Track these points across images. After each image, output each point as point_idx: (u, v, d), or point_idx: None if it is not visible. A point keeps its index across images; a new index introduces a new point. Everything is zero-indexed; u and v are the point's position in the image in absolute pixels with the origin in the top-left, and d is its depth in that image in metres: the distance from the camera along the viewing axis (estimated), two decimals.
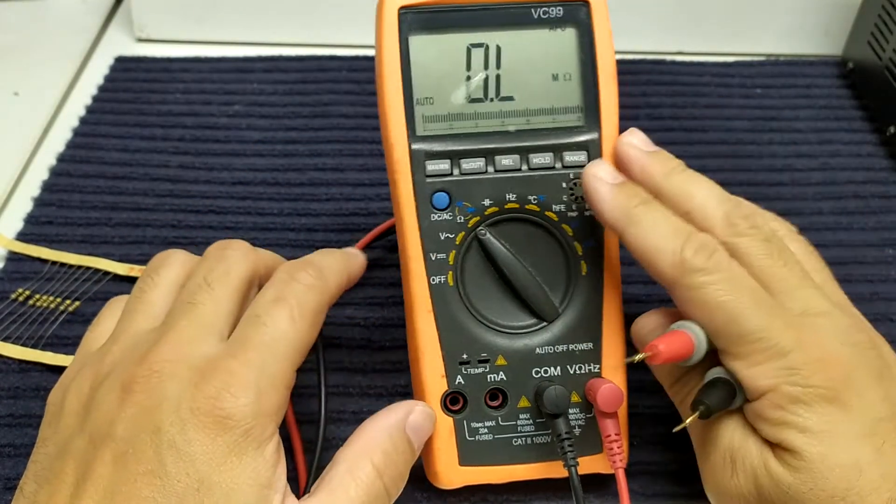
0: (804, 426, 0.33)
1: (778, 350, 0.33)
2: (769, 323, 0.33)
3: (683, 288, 0.34)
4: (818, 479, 0.32)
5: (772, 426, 0.33)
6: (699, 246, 0.35)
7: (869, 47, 0.64)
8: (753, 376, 0.33)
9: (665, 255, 0.35)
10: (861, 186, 0.58)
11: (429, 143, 0.38)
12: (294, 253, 0.52)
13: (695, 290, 0.34)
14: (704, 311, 0.34)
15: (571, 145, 0.39)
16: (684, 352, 0.34)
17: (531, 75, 0.38)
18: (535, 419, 0.39)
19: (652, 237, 0.35)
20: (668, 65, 0.68)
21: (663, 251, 0.35)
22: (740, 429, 0.35)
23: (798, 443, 0.33)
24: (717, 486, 0.36)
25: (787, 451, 0.33)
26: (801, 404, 0.33)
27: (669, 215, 0.36)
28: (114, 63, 0.67)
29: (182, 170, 0.57)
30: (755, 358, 0.33)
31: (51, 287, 0.49)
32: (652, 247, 0.35)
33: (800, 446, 0.33)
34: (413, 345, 0.39)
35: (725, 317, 0.34)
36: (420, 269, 0.38)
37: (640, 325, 0.38)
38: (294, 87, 0.65)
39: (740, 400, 0.35)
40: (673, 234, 0.35)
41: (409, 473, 0.41)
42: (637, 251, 0.36)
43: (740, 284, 0.34)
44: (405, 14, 0.38)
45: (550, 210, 0.39)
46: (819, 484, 0.32)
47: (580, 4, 0.38)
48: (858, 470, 0.32)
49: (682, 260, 0.34)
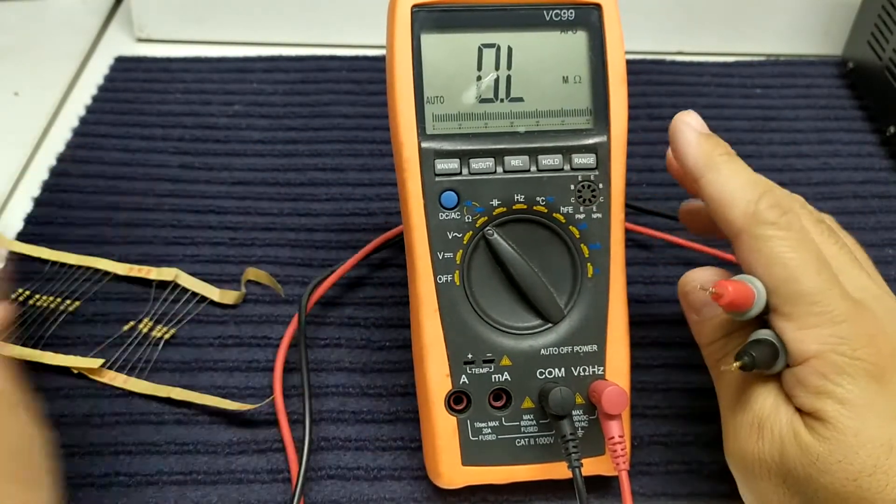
0: (843, 397, 0.32)
1: (831, 317, 0.33)
2: (828, 288, 0.33)
3: (751, 238, 0.34)
4: (848, 452, 0.32)
5: (810, 394, 0.33)
6: (775, 202, 0.35)
7: (869, 47, 0.64)
8: (802, 339, 0.33)
9: (740, 202, 0.35)
10: (861, 186, 0.59)
11: (438, 141, 0.38)
12: (294, 253, 0.52)
13: (762, 241, 0.34)
14: (767, 265, 0.34)
15: (580, 148, 0.39)
16: (746, 300, 0.34)
17: (541, 77, 0.39)
18: (538, 420, 0.39)
19: (730, 184, 0.35)
20: (668, 65, 0.69)
21: (739, 199, 0.35)
22: (773, 395, 0.35)
23: (833, 413, 0.32)
24: (741, 449, 0.35)
25: (819, 420, 0.33)
26: (844, 375, 0.33)
27: (750, 170, 0.36)
28: (114, 63, 0.67)
29: (182, 170, 0.57)
30: (807, 321, 0.33)
31: (51, 287, 0.49)
32: (729, 193, 0.35)
33: (835, 417, 0.32)
34: (418, 343, 0.39)
35: (786, 274, 0.34)
36: (427, 267, 0.38)
37: (690, 279, 0.38)
38: (294, 87, 0.65)
39: (781, 364, 0.34)
40: (752, 185, 0.35)
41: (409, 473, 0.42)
42: (712, 197, 0.36)
43: (807, 247, 0.34)
44: (418, 12, 0.38)
45: (558, 212, 0.39)
46: (848, 457, 0.32)
47: (592, 7, 0.38)
48: (889, 448, 0.32)
49: (756, 211, 0.34)
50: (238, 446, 0.43)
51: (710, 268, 0.38)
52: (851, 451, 0.32)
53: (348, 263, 0.48)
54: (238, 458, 0.42)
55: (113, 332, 0.47)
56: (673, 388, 0.46)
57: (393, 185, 0.54)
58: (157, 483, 0.41)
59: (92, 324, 0.48)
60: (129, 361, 0.46)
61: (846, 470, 0.32)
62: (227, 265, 0.51)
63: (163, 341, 0.47)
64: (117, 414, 0.44)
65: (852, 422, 0.32)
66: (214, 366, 0.46)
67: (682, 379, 0.46)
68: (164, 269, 0.50)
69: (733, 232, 0.35)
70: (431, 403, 0.39)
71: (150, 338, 0.47)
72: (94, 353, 0.46)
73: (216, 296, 0.49)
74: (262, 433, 0.43)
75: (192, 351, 0.47)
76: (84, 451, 0.42)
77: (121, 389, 0.45)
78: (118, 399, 0.44)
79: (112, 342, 0.47)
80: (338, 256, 0.52)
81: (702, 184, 0.36)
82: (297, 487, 0.39)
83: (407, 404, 0.45)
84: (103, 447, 0.42)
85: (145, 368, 0.46)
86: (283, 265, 0.51)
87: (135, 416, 0.44)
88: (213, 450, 0.42)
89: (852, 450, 0.32)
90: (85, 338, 0.47)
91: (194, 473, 0.41)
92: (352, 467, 0.42)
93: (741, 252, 0.35)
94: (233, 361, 0.46)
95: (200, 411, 0.44)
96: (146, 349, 0.46)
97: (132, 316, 0.48)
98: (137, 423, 0.43)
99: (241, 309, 0.49)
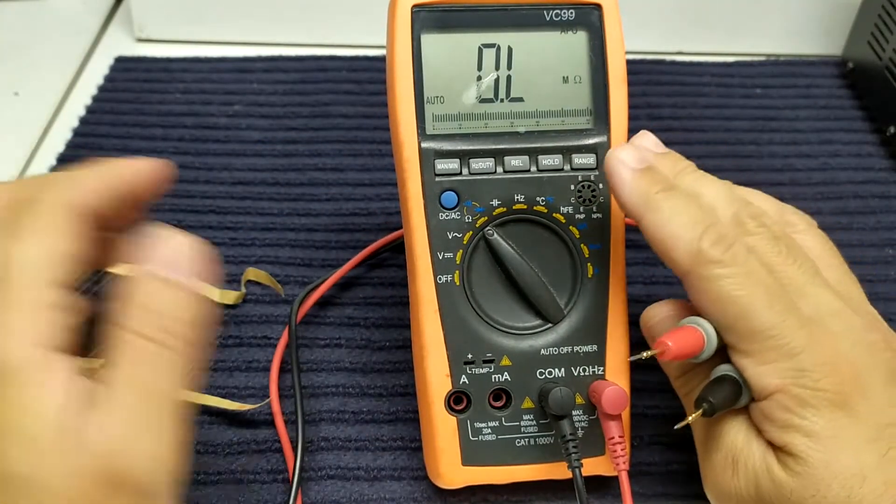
0: (810, 430, 0.32)
1: (788, 350, 0.33)
2: (781, 321, 0.33)
3: (698, 278, 0.34)
4: (820, 485, 0.32)
5: (777, 428, 0.33)
6: (717, 237, 0.34)
7: (869, 47, 0.64)
8: (762, 374, 0.33)
9: (682, 243, 0.34)
10: (861, 186, 0.59)
11: (438, 141, 0.38)
12: (294, 253, 0.52)
13: (709, 281, 0.33)
14: (717, 304, 0.33)
15: (580, 148, 0.39)
16: (693, 348, 0.34)
17: (542, 77, 0.39)
18: (538, 420, 0.39)
19: (670, 225, 0.34)
20: (668, 65, 0.69)
21: (681, 239, 0.34)
22: (744, 429, 0.35)
23: (802, 447, 0.32)
24: (717, 485, 0.35)
25: (790, 455, 0.33)
26: (808, 407, 0.32)
27: (690, 205, 0.35)
28: (114, 63, 0.66)
29: (182, 170, 0.57)
30: (765, 356, 0.33)
31: None
32: (669, 234, 0.34)
33: (803, 451, 0.32)
34: (418, 343, 0.39)
35: (738, 311, 0.33)
36: (427, 267, 0.38)
37: (649, 315, 0.37)
38: (294, 87, 0.65)
39: (746, 399, 0.34)
40: (692, 223, 0.34)
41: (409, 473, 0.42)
42: (654, 238, 0.35)
43: (756, 280, 0.33)
44: (418, 12, 0.38)
45: (558, 212, 0.39)
46: (821, 491, 0.32)
47: (592, 7, 0.39)
48: (862, 478, 0.31)
49: (699, 250, 0.33)
50: (238, 446, 0.43)
51: (668, 301, 0.37)
52: (824, 485, 0.32)
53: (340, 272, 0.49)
54: (238, 458, 0.42)
55: None
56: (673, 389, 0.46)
57: (393, 185, 0.54)
58: None
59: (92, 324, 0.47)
60: None
61: (821, 502, 0.32)
62: (227, 265, 0.51)
63: None
64: None
65: (822, 454, 0.32)
66: (214, 366, 0.46)
67: None
68: None
69: (680, 273, 0.34)
70: (431, 403, 0.38)
71: None
72: (93, 354, 0.46)
73: (216, 296, 0.49)
74: (262, 433, 0.43)
75: None
76: None
77: None
78: None
79: None
80: (337, 256, 0.52)
81: (643, 225, 0.35)
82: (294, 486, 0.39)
83: (407, 404, 0.45)
84: None
85: None
86: (283, 265, 0.51)
87: None
88: (213, 450, 0.42)
89: (824, 483, 0.32)
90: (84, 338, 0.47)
91: (194, 473, 0.41)
92: (352, 467, 0.42)
93: (690, 292, 0.35)
94: (233, 361, 0.46)
95: (200, 411, 0.44)
96: None
97: None
98: None
99: (241, 309, 0.49)
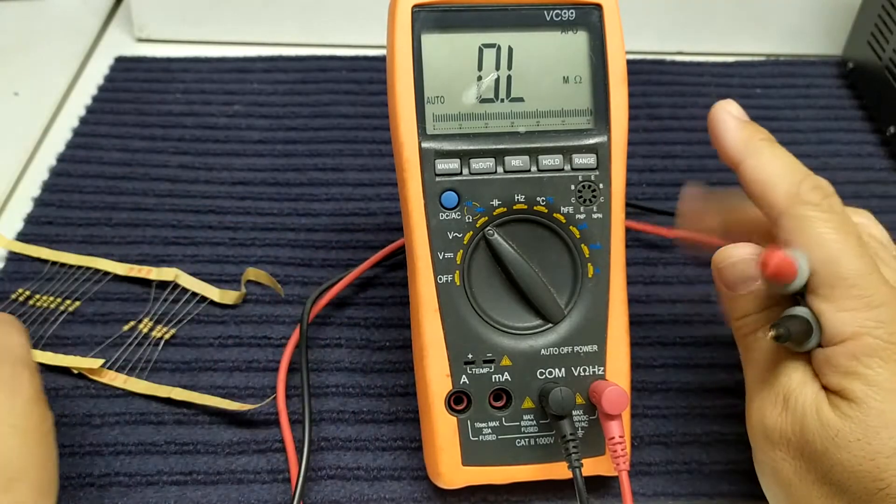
0: (872, 379, 0.33)
1: (870, 301, 0.33)
2: (868, 272, 0.33)
3: (793, 218, 0.35)
4: (868, 431, 0.32)
5: (839, 374, 0.33)
6: (816, 185, 0.35)
7: (869, 47, 0.64)
8: (840, 321, 0.33)
9: (782, 184, 0.35)
10: (861, 186, 0.59)
11: (439, 141, 0.38)
12: (294, 253, 0.52)
13: (805, 221, 0.34)
14: (808, 246, 0.34)
15: (580, 148, 0.39)
16: (791, 272, 0.33)
17: (542, 77, 0.39)
18: (538, 420, 0.39)
19: (771, 167, 0.36)
20: (668, 65, 0.69)
21: (781, 181, 0.35)
22: (801, 371, 0.35)
23: (861, 394, 0.33)
24: (763, 421, 0.36)
25: (845, 399, 0.33)
26: (876, 358, 0.33)
27: (789, 155, 0.36)
28: (114, 63, 0.67)
29: (182, 170, 0.57)
30: (846, 303, 0.33)
31: (51, 287, 0.49)
32: (770, 175, 0.36)
33: (860, 397, 0.33)
34: (418, 344, 0.39)
35: (827, 255, 0.34)
36: (427, 267, 0.38)
37: (726, 254, 0.37)
38: (294, 87, 0.65)
39: (813, 343, 0.34)
40: (792, 169, 0.36)
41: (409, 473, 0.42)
42: (753, 180, 0.36)
43: (848, 230, 0.34)
44: (418, 12, 0.38)
45: (558, 212, 0.39)
46: (868, 436, 0.32)
47: (592, 7, 0.38)
48: None
49: (799, 192, 0.35)
50: (238, 446, 0.43)
51: (745, 245, 0.37)
52: (872, 431, 0.32)
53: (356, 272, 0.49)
54: (238, 458, 0.42)
55: (113, 333, 0.47)
56: (673, 388, 0.46)
57: (393, 185, 0.54)
58: (157, 483, 0.41)
59: (92, 324, 0.48)
60: (130, 361, 0.46)
61: (864, 448, 0.32)
62: (227, 265, 0.51)
63: (163, 341, 0.47)
64: (117, 414, 0.44)
65: (878, 403, 0.32)
66: (214, 366, 0.46)
67: (681, 379, 0.46)
68: (164, 269, 0.50)
69: (774, 214, 0.35)
70: (431, 403, 0.38)
71: (150, 338, 0.47)
72: (94, 354, 0.46)
73: (216, 296, 0.49)
74: (262, 433, 0.43)
75: (191, 351, 0.47)
76: (84, 451, 0.42)
77: (121, 390, 0.45)
78: (118, 399, 0.44)
79: (112, 342, 0.47)
80: (337, 256, 0.52)
81: (742, 168, 0.37)
82: (297, 487, 0.39)
83: (407, 404, 0.45)
84: (103, 447, 0.42)
85: (145, 369, 0.46)
86: (283, 265, 0.51)
87: (135, 417, 0.43)
88: (213, 450, 0.42)
89: (873, 430, 0.32)
90: (85, 338, 0.47)
91: (194, 473, 0.41)
92: (352, 467, 0.42)
93: (783, 233, 0.35)
94: (233, 361, 0.46)
95: (200, 411, 0.44)
96: (146, 349, 0.46)
97: (132, 316, 0.48)
98: (137, 423, 0.43)
99: (241, 309, 0.49)
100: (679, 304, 0.50)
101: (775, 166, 0.36)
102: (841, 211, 0.35)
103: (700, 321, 0.49)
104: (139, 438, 0.43)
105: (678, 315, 0.50)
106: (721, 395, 0.46)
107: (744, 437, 0.44)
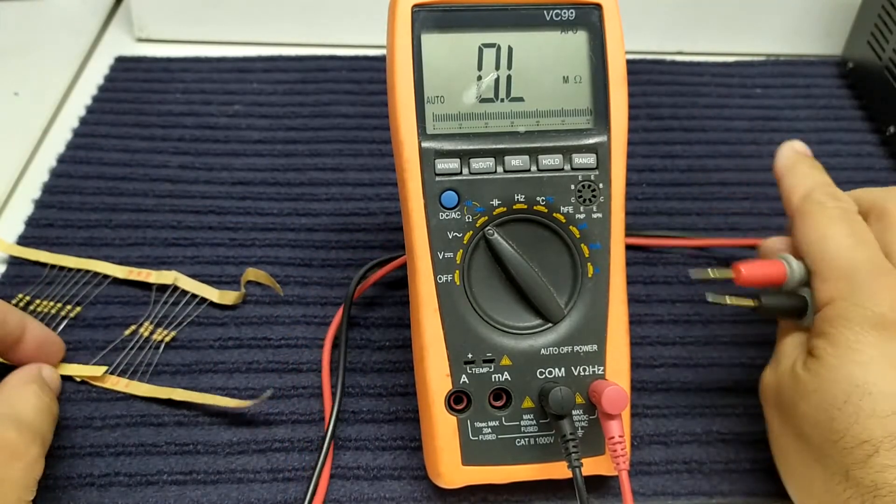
0: (835, 339, 0.36)
1: (850, 272, 0.37)
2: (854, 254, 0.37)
3: (800, 214, 0.40)
4: (823, 383, 0.36)
5: (815, 336, 0.37)
6: (831, 192, 0.40)
7: (869, 47, 0.64)
8: (821, 289, 0.38)
9: (801, 189, 0.41)
10: (861, 186, 0.58)
11: (439, 141, 0.38)
12: (294, 253, 0.52)
13: (808, 215, 0.39)
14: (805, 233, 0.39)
15: (580, 147, 0.39)
16: (771, 277, 0.40)
17: (542, 77, 0.39)
18: (538, 420, 0.39)
19: (801, 179, 0.41)
20: (668, 65, 0.69)
21: (801, 188, 0.41)
22: (797, 339, 0.40)
23: (821, 352, 0.36)
24: (763, 378, 0.41)
25: (812, 356, 0.37)
26: (843, 320, 0.36)
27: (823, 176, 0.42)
28: (114, 63, 0.66)
29: (182, 170, 0.57)
30: (829, 273, 0.37)
31: (51, 291, 0.49)
32: (796, 184, 0.41)
33: (822, 354, 0.36)
34: (418, 343, 0.39)
35: (817, 236, 0.38)
36: (427, 267, 0.38)
37: (765, 245, 0.43)
38: (294, 87, 0.65)
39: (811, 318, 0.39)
40: (816, 180, 0.41)
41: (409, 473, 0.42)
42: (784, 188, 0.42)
43: (847, 221, 0.38)
44: (418, 12, 0.38)
45: (558, 212, 0.39)
46: (823, 387, 0.35)
47: (592, 7, 0.39)
48: (865, 391, 0.34)
49: (811, 194, 0.40)
50: (238, 446, 0.43)
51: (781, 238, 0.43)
52: (826, 384, 0.35)
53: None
54: (238, 458, 0.42)
55: (114, 337, 0.47)
56: (673, 388, 0.46)
57: (393, 185, 0.54)
58: (157, 483, 0.41)
59: (93, 328, 0.48)
60: (131, 365, 0.46)
61: (820, 399, 0.35)
62: (227, 266, 0.51)
63: (163, 344, 0.47)
64: (118, 417, 0.44)
65: (833, 359, 0.36)
66: (215, 367, 0.46)
67: (681, 378, 0.46)
68: (164, 272, 0.49)
69: (791, 214, 0.41)
70: (431, 403, 0.39)
71: (151, 341, 0.47)
72: (96, 359, 0.46)
73: (215, 297, 0.49)
74: (262, 433, 0.43)
75: (192, 353, 0.47)
76: (84, 453, 0.42)
77: (122, 393, 0.45)
78: (119, 402, 0.44)
79: (114, 347, 0.47)
80: (337, 256, 0.52)
81: (781, 181, 0.42)
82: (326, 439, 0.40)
83: (407, 404, 0.45)
84: (104, 448, 0.42)
85: (146, 372, 0.46)
86: (283, 265, 0.51)
87: (135, 419, 0.44)
88: (213, 450, 0.42)
89: (827, 382, 0.35)
90: (87, 343, 0.47)
91: (194, 473, 0.41)
92: (352, 467, 0.42)
93: (793, 230, 0.40)
94: (233, 363, 0.46)
95: (201, 412, 0.44)
96: (147, 353, 0.46)
97: (133, 320, 0.48)
98: (138, 425, 0.43)
99: (240, 310, 0.49)
100: (679, 304, 0.50)
101: (804, 178, 0.41)
102: (847, 210, 0.39)
103: (700, 321, 0.49)
104: (139, 440, 0.43)
105: (678, 315, 0.50)
106: (721, 395, 0.46)
107: (744, 437, 0.44)
